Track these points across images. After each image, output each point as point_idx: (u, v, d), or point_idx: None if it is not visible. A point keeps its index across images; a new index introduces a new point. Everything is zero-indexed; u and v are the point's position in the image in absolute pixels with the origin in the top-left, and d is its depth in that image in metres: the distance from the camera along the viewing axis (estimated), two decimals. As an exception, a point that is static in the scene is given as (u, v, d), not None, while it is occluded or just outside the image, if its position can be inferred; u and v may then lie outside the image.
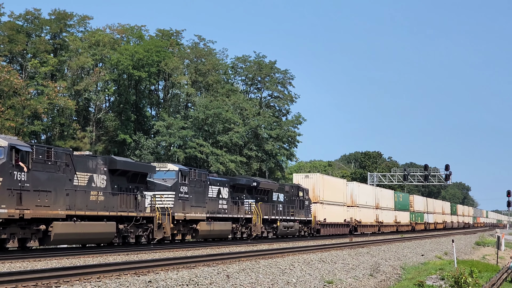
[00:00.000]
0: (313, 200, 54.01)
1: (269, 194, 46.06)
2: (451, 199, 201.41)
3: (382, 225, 73.60)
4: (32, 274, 15.53)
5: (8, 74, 57.20)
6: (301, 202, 51.08)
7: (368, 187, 73.77)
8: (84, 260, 22.75)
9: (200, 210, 36.76)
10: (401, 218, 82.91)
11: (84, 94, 69.82)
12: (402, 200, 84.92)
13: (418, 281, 25.75)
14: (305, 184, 54.30)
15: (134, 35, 78.60)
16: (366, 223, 67.44)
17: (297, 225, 49.51)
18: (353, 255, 31.23)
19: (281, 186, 49.21)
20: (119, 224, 29.99)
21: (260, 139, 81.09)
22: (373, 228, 70.57)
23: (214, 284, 17.58)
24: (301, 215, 50.76)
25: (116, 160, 30.50)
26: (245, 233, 42.45)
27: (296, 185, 51.93)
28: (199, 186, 36.89)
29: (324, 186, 56.19)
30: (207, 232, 37.45)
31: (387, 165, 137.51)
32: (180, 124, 71.50)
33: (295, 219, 49.49)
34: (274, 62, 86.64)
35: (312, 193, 54.45)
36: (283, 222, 47.08)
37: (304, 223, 51.90)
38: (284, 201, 48.35)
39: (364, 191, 68.59)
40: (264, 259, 25.12)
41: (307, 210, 52.14)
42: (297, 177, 56.61)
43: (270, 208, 45.57)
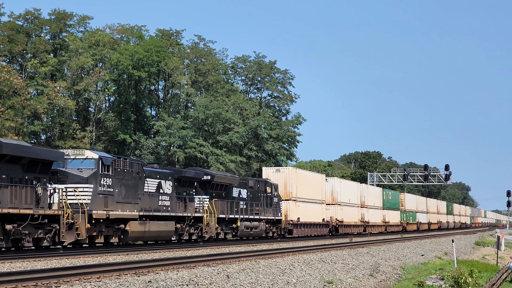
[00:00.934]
0: (284, 197, 48.89)
1: (227, 190, 40.30)
2: (451, 199, 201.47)
3: (368, 225, 68.57)
4: (32, 274, 15.53)
5: (8, 74, 57.22)
6: (269, 199, 45.52)
7: (352, 184, 67.93)
8: (84, 260, 22.75)
9: (130, 207, 30.67)
10: (390, 217, 77.98)
11: (84, 94, 69.83)
12: (391, 198, 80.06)
13: (418, 281, 25.74)
14: (275, 179, 49.03)
15: (134, 35, 78.63)
16: (349, 223, 62.19)
17: (263, 225, 44.02)
18: (353, 255, 31.24)
19: (243, 181, 43.34)
20: (6, 224, 24.11)
21: (260, 139, 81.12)
22: (358, 229, 65.59)
23: (214, 284, 17.58)
24: (268, 214, 45.26)
25: (2, 143, 24.07)
26: (195, 235, 36.83)
27: (263, 180, 46.40)
28: (129, 178, 30.82)
29: (298, 181, 50.52)
30: (140, 234, 31.63)
31: (387, 165, 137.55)
32: (180, 124, 71.52)
33: (261, 219, 43.92)
34: (274, 62, 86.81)
35: (284, 189, 49.22)
36: (245, 221, 41.44)
37: (273, 222, 46.50)
38: (248, 197, 42.71)
39: (347, 188, 63.06)
40: (264, 259, 25.13)
41: (276, 208, 46.66)
42: (267, 171, 50.83)
43: (229, 206, 39.90)
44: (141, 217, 31.65)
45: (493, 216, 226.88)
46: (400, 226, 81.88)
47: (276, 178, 49.14)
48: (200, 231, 37.05)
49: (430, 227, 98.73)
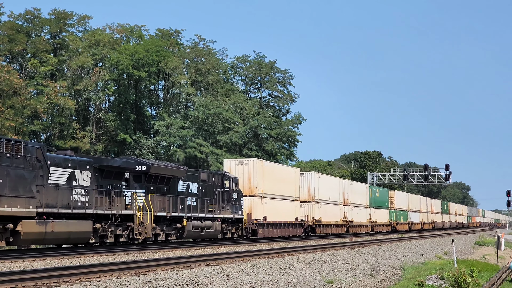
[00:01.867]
0: (248, 192, 43.22)
1: (171, 183, 34.48)
2: (451, 199, 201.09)
3: (351, 224, 63.07)
4: (32, 274, 15.52)
5: (8, 73, 57.21)
6: (227, 194, 39.51)
7: (333, 179, 61.87)
8: (84, 260, 22.74)
9: (22, 203, 24.57)
10: (378, 216, 72.51)
11: (84, 93, 69.83)
12: (379, 196, 74.76)
13: (418, 280, 25.75)
14: (238, 172, 43.50)
15: (134, 35, 78.64)
16: (329, 222, 56.57)
17: (217, 225, 38.08)
18: (353, 254, 31.22)
19: (192, 173, 37.25)
20: None
21: (260, 139, 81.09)
22: (339, 229, 60.00)
23: (214, 284, 17.57)
24: (225, 212, 39.16)
25: None
26: (123, 236, 30.93)
27: (219, 173, 40.30)
28: (20, 167, 24.72)
29: (265, 175, 44.83)
30: (38, 236, 25.40)
31: (387, 164, 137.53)
32: (180, 123, 71.51)
33: (215, 217, 37.95)
34: (274, 61, 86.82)
35: (248, 183, 43.38)
36: (194, 221, 35.66)
37: (231, 222, 40.44)
38: (200, 193, 36.79)
39: (327, 184, 57.12)
40: (264, 258, 25.12)
41: (236, 205, 40.52)
42: (229, 163, 44.79)
43: (171, 202, 34.00)
44: (41, 215, 25.45)
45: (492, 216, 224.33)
46: (389, 226, 77.09)
47: (239, 171, 43.47)
48: (131, 232, 31.03)
49: (423, 227, 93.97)
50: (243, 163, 44.25)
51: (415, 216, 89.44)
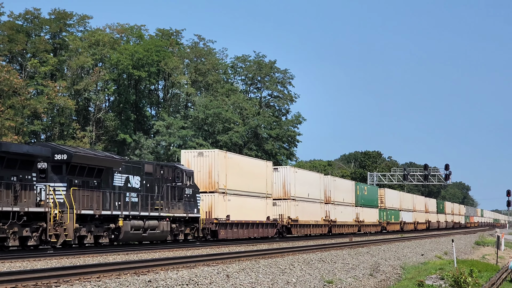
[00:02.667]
0: (208, 188, 38.42)
1: (104, 176, 29.31)
2: (451, 199, 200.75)
3: (334, 224, 58.41)
4: (32, 274, 15.52)
5: (8, 73, 57.21)
6: (179, 190, 34.77)
7: (313, 175, 56.26)
8: (84, 260, 22.74)
9: None
10: (366, 216, 67.93)
11: (84, 93, 69.85)
12: (367, 194, 69.88)
13: (418, 280, 25.76)
14: (197, 165, 38.82)
15: (134, 35, 78.65)
16: (308, 222, 51.69)
17: (165, 225, 33.21)
18: (353, 254, 31.22)
19: (134, 165, 32.16)
20: None
21: (260, 139, 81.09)
22: (320, 229, 55.23)
23: (214, 283, 17.57)
24: (176, 210, 34.33)
25: None
26: (33, 239, 25.60)
27: (170, 165, 35.46)
28: None
29: (229, 168, 40.02)
30: None
31: (387, 164, 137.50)
32: (180, 123, 71.51)
33: (163, 216, 33.05)
34: (274, 61, 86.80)
35: (208, 178, 38.47)
36: (134, 220, 30.75)
37: (185, 221, 35.51)
38: (143, 187, 31.99)
39: (305, 180, 52.08)
40: (264, 258, 25.12)
41: (191, 202, 35.62)
42: (187, 155, 39.66)
43: (103, 198, 28.95)
44: None
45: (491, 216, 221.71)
46: (378, 226, 72.74)
47: (198, 164, 38.78)
48: (43, 234, 25.91)
49: (417, 228, 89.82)
50: (203, 154, 39.30)
51: (407, 215, 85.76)
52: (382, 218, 74.11)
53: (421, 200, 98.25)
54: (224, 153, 40.43)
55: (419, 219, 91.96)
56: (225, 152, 40.86)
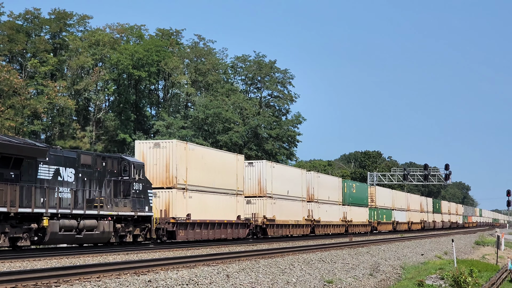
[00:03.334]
0: (165, 183, 34.59)
1: (24, 167, 25.08)
2: (451, 198, 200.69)
3: (318, 224, 54.70)
4: (32, 274, 15.52)
5: (8, 73, 57.23)
6: (125, 185, 30.50)
7: (294, 171, 52.22)
8: (84, 260, 22.74)
9: None
10: (354, 215, 64.04)
11: (84, 93, 69.88)
12: (356, 192, 65.73)
13: (418, 280, 25.76)
14: (154, 157, 34.96)
15: (134, 35, 78.69)
16: (286, 222, 47.95)
17: (107, 225, 28.88)
18: (353, 254, 31.23)
19: (66, 155, 27.58)
20: None
21: (260, 139, 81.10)
22: (301, 229, 51.36)
23: (214, 283, 17.57)
24: (121, 208, 29.96)
25: None
26: None
27: (114, 157, 30.95)
28: None
29: (191, 162, 35.91)
30: None
31: (387, 164, 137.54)
32: (180, 123, 71.53)
33: (104, 215, 28.77)
34: (274, 61, 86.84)
35: (165, 172, 34.60)
36: (64, 219, 26.31)
37: (135, 221, 31.21)
38: (78, 181, 27.70)
39: (284, 176, 48.25)
40: (264, 258, 25.12)
41: (141, 199, 31.33)
42: (141, 146, 35.63)
43: (20, 193, 24.42)
44: None
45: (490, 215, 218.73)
46: (368, 226, 68.80)
47: (154, 156, 35.03)
48: None
49: (411, 228, 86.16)
50: (160, 145, 35.21)
51: (401, 215, 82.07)
52: (372, 218, 70.49)
53: (416, 199, 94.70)
54: (185, 144, 36.09)
55: (413, 219, 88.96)
56: (185, 143, 36.33)
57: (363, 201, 68.12)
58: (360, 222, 66.09)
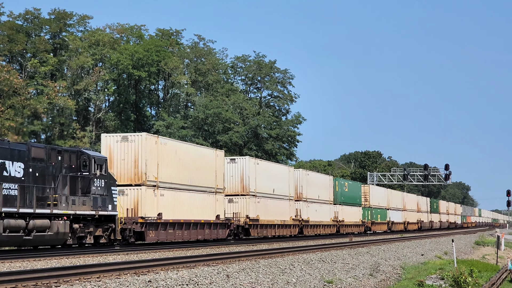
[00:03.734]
0: (134, 180, 32.24)
1: None
2: (451, 198, 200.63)
3: (307, 224, 52.33)
4: (32, 274, 15.52)
5: (8, 73, 57.23)
6: (84, 181, 27.95)
7: (280, 168, 49.68)
8: (84, 260, 22.74)
9: None
10: (346, 215, 61.53)
11: (84, 93, 69.88)
12: (348, 190, 63.34)
13: (418, 280, 25.76)
14: (121, 151, 32.60)
15: (134, 35, 78.70)
16: (272, 222, 45.55)
17: (62, 225, 26.38)
18: (353, 254, 31.22)
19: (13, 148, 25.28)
20: None
21: (260, 139, 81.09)
22: (288, 230, 48.99)
23: (214, 284, 17.57)
24: (81, 207, 27.38)
25: None
26: None
27: (72, 150, 28.43)
28: None
29: (162, 157, 33.52)
30: None
31: (387, 164, 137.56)
32: (180, 123, 71.53)
33: (58, 214, 26.22)
34: (273, 61, 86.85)
35: (134, 168, 32.19)
36: (8, 219, 24.05)
37: (97, 221, 28.75)
38: (27, 176, 25.40)
39: (270, 174, 45.86)
40: (264, 258, 25.12)
41: (104, 197, 28.79)
42: (108, 140, 33.10)
43: None
44: None
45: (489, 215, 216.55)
46: (361, 227, 66.53)
47: (122, 150, 32.70)
48: None
49: (407, 228, 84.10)
50: (128, 139, 32.79)
51: (396, 215, 79.83)
52: (366, 218, 67.93)
53: (412, 198, 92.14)
54: (156, 138, 33.51)
55: (409, 219, 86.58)
56: (156, 137, 33.75)
57: (356, 200, 65.60)
58: (352, 222, 63.63)
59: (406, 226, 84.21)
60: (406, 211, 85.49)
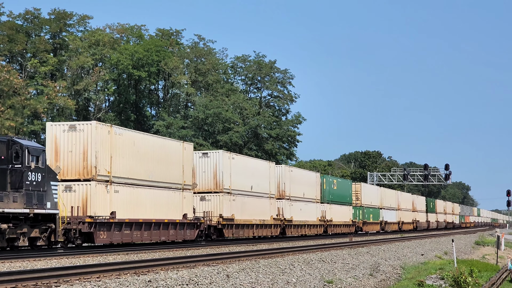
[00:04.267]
0: (81, 175, 29.19)
1: None
2: (451, 198, 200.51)
3: (290, 224, 48.88)
4: (32, 274, 15.52)
5: (8, 73, 57.21)
6: (16, 175, 24.41)
7: (259, 163, 45.85)
8: (84, 260, 22.74)
9: None
10: (335, 214, 58.21)
11: (84, 93, 69.86)
12: (337, 188, 59.77)
13: (418, 280, 25.76)
14: (68, 143, 29.44)
15: (134, 35, 78.71)
16: (249, 222, 42.05)
17: None
18: (353, 254, 31.22)
19: None
20: None
21: (260, 139, 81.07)
22: (268, 230, 45.25)
23: (214, 283, 17.57)
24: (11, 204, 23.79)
25: None
26: None
27: (3, 139, 24.67)
28: None
29: (116, 149, 30.66)
30: None
31: (387, 164, 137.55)
32: (180, 123, 71.53)
33: None
34: (273, 61, 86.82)
35: (82, 161, 29.16)
36: None
37: (32, 220, 24.98)
38: None
39: (247, 169, 42.34)
40: (264, 258, 25.11)
41: (41, 193, 25.13)
42: (54, 130, 29.74)
43: None
44: None
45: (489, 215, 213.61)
46: (351, 227, 63.15)
47: (70, 141, 29.47)
48: None
49: (401, 228, 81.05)
50: (76, 128, 29.45)
51: (390, 214, 76.62)
52: (357, 217, 64.52)
53: (407, 197, 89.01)
54: (108, 127, 30.46)
55: (404, 219, 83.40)
56: (109, 126, 30.71)
57: (346, 199, 62.11)
58: (342, 222, 59.77)
59: (400, 226, 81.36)
60: (401, 211, 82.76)
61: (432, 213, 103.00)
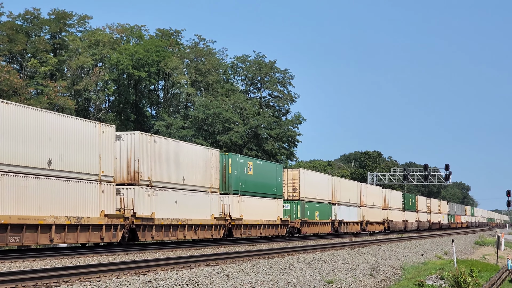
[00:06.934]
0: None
1: None
2: (451, 198, 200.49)
3: (142, 224, 31.40)
4: (32, 274, 15.53)
5: (7, 73, 57.21)
6: None
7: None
8: (84, 260, 22.74)
9: None
10: (248, 211, 41.00)
11: (84, 93, 69.87)
12: (255, 174, 42.92)
13: (418, 280, 25.77)
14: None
15: (134, 35, 78.72)
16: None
17: None
18: (353, 254, 31.22)
19: None
20: None
21: (260, 139, 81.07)
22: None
23: (214, 284, 17.57)
24: None
25: None
26: None
27: None
28: None
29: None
30: None
31: (387, 164, 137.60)
32: (179, 123, 71.53)
33: None
34: (273, 61, 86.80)
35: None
36: None
37: None
38: None
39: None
40: (264, 259, 25.12)
41: None
42: None
43: None
44: None
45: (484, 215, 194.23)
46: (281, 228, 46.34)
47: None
48: None
49: (365, 229, 66.01)
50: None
51: (347, 212, 60.60)
52: (293, 215, 49.23)
53: (376, 191, 72.39)
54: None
55: (370, 218, 67.33)
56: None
57: (271, 189, 45.38)
58: (262, 221, 43.29)
59: (364, 226, 65.75)
60: (366, 207, 66.58)
61: (412, 211, 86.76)
